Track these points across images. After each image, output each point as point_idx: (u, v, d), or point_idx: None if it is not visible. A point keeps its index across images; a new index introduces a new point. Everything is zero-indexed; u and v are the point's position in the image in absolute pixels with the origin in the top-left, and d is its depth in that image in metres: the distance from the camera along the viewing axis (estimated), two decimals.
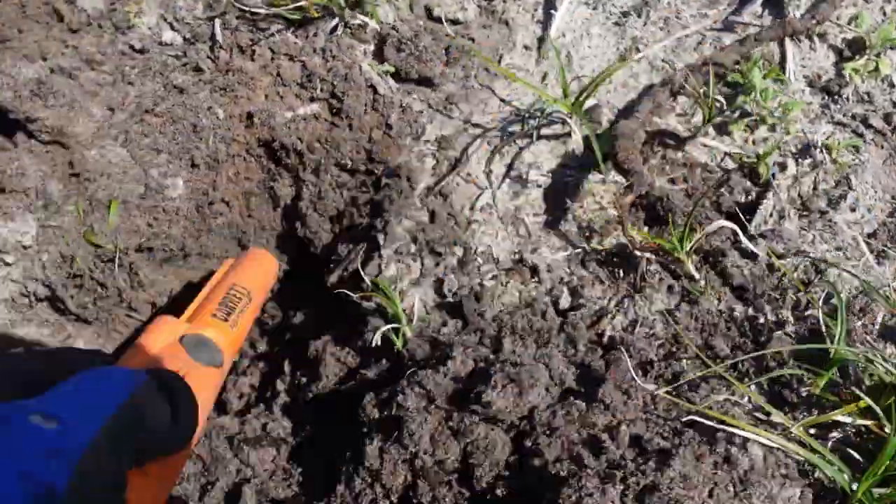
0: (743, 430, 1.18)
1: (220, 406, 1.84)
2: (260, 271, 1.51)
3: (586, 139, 1.72)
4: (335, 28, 1.92)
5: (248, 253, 1.60)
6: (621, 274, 1.57)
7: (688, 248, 1.50)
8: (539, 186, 1.77)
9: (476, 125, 1.87)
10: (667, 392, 1.30)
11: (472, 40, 2.01)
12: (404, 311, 1.55)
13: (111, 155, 1.74)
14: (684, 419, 1.23)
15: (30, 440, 0.54)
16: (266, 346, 2.07)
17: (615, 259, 1.62)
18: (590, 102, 1.79)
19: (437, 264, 1.66)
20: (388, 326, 1.52)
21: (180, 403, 0.76)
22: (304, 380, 1.69)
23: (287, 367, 1.77)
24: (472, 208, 1.75)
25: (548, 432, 1.23)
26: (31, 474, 0.51)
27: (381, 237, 1.68)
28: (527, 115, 1.85)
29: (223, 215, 1.94)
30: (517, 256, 1.64)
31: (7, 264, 1.71)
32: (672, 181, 1.75)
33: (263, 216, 1.99)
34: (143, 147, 1.78)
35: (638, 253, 1.55)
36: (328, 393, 1.60)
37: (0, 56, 1.68)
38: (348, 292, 1.61)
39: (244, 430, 1.61)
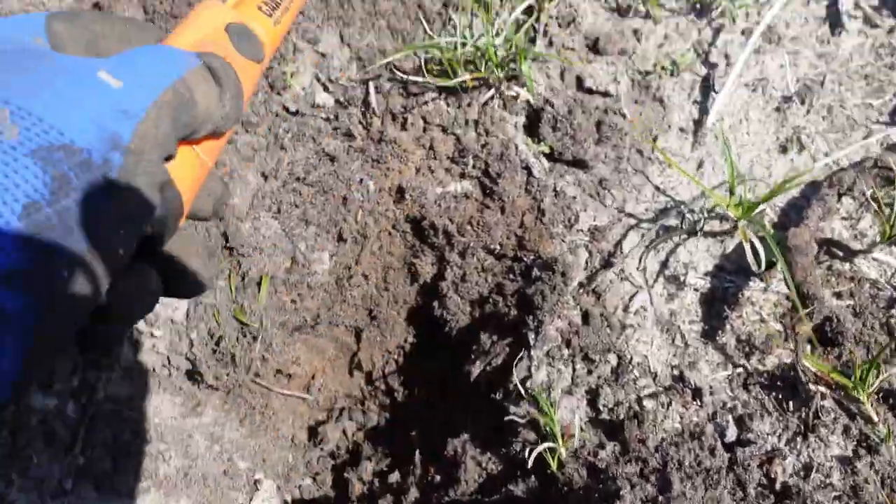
0: None
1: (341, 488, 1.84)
2: None
3: (754, 249, 1.64)
4: (489, 100, 1.88)
5: None
6: (790, 405, 1.50)
7: (870, 390, 1.42)
8: (696, 290, 1.70)
9: (630, 215, 1.80)
10: None
11: (623, 116, 1.94)
12: (559, 425, 1.50)
13: (264, 228, 1.73)
14: None
15: (102, 92, 0.59)
16: (388, 417, 2.06)
17: (779, 383, 1.55)
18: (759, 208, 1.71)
19: (590, 372, 1.61)
20: (544, 446, 1.48)
21: (227, 89, 0.79)
22: (437, 478, 1.66)
23: (418, 460, 1.74)
24: (625, 310, 1.69)
25: None
26: (103, 122, 0.57)
27: (531, 336, 1.64)
28: (686, 209, 1.78)
29: (360, 287, 1.92)
30: (676, 372, 1.58)
31: (154, 336, 1.72)
32: (838, 295, 1.66)
33: (399, 290, 1.96)
34: (294, 218, 1.77)
35: (811, 387, 1.47)
36: (467, 501, 1.57)
37: None
38: (501, 399, 1.57)
39: None
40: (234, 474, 1.81)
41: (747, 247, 1.63)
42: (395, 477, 1.77)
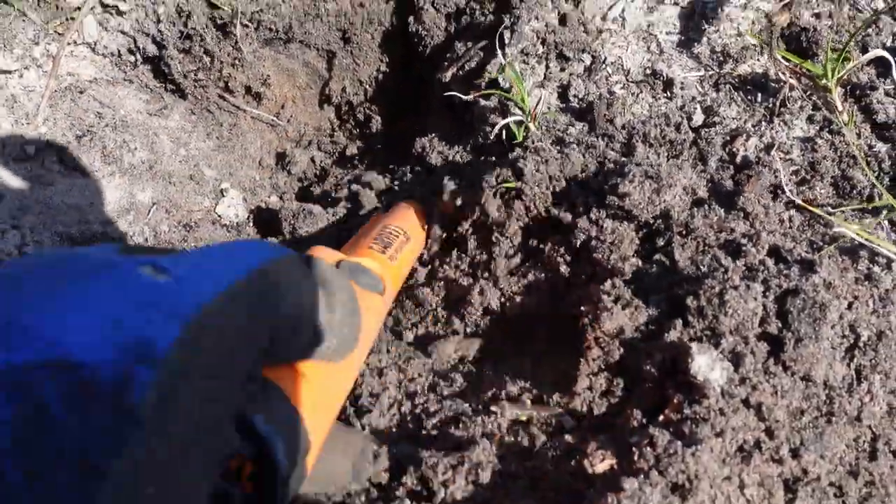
0: (884, 248, 1.16)
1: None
2: (411, 215, 1.44)
3: None
4: None
5: (396, 204, 1.52)
6: (757, 99, 1.51)
7: (837, 77, 1.43)
8: (675, 4, 1.68)
9: None
10: (801, 215, 1.27)
11: None
12: (528, 103, 1.50)
13: None
14: (824, 233, 1.21)
15: (132, 288, 0.42)
16: (361, 144, 2.05)
17: (749, 86, 1.55)
18: None
19: (563, 69, 1.60)
20: (512, 119, 1.48)
21: (338, 294, 0.65)
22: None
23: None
24: (603, 18, 1.66)
25: (683, 232, 1.20)
26: (124, 324, 0.39)
27: (507, 34, 1.61)
28: None
29: (335, 1, 1.86)
30: (650, 70, 1.58)
31: (120, 13, 1.66)
32: (817, 16, 1.65)
33: (374, 8, 1.91)
34: None
35: (782, 76, 1.48)
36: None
37: None
38: (461, 94, 1.56)
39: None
40: (201, 180, 1.80)
41: None
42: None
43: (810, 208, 1.25)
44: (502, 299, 1.34)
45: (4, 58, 1.56)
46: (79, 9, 1.61)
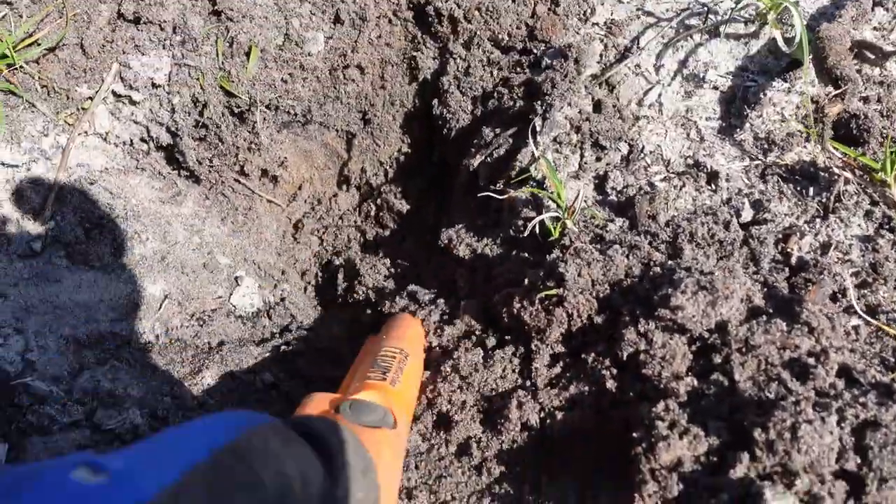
0: None
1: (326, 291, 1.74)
2: (407, 330, 1.34)
3: (786, 39, 1.54)
4: None
5: (390, 319, 1.43)
6: (809, 192, 1.42)
7: (895, 172, 1.34)
8: (715, 89, 1.60)
9: (649, 13, 1.69)
10: (867, 324, 1.17)
11: None
12: (565, 198, 1.41)
13: None
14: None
15: (56, 498, 0.39)
16: (380, 231, 1.97)
17: (798, 177, 1.46)
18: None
19: (600, 160, 1.52)
20: (547, 215, 1.39)
21: (340, 457, 0.59)
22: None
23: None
24: (639, 104, 1.59)
25: (742, 349, 1.10)
26: None
27: (538, 122, 1.53)
28: (708, 8, 1.66)
29: (355, 83, 1.80)
30: (691, 160, 1.49)
31: (133, 103, 1.59)
32: (865, 100, 1.57)
33: (396, 89, 1.84)
34: None
35: (835, 170, 1.39)
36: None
37: None
38: (490, 184, 1.48)
39: None
40: (215, 268, 1.72)
41: (777, 34, 1.52)
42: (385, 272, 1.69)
43: (880, 325, 1.15)
44: (542, 414, 1.23)
45: (11, 152, 1.48)
46: (90, 99, 1.54)
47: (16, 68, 1.48)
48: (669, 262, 1.26)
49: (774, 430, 0.98)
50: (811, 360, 1.07)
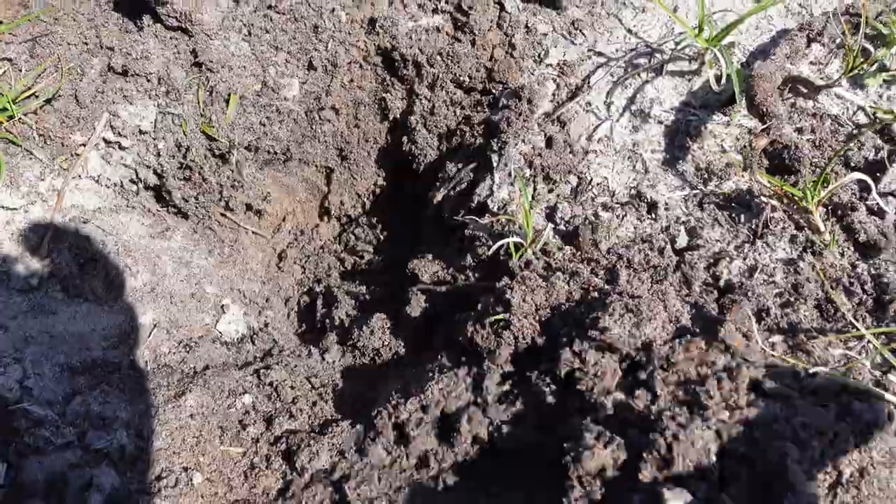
0: (862, 387, 1.16)
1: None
2: None
3: (719, 77, 1.66)
4: None
5: None
6: (741, 219, 1.53)
7: (817, 200, 1.45)
8: (660, 123, 1.72)
9: (600, 54, 1.81)
10: (784, 341, 1.28)
11: None
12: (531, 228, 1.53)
13: (233, 47, 1.74)
14: (809, 369, 1.21)
15: None
16: (358, 259, 2.09)
17: (734, 204, 1.58)
18: (726, 39, 1.72)
19: (551, 191, 1.64)
20: (510, 240, 1.51)
21: None
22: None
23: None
24: (589, 138, 1.71)
25: (664, 366, 1.21)
26: None
27: (495, 158, 1.66)
28: (654, 48, 1.79)
29: (330, 122, 1.93)
30: (634, 191, 1.61)
31: (122, 148, 1.73)
32: (799, 130, 1.68)
33: (369, 128, 1.97)
34: (265, 43, 1.78)
35: (763, 199, 1.50)
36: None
37: None
38: (466, 217, 1.61)
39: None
40: (202, 297, 1.84)
41: (710, 73, 1.65)
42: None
43: (798, 341, 1.26)
44: (491, 428, 1.35)
45: (11, 196, 1.62)
46: (83, 145, 1.68)
47: (15, 119, 1.63)
48: (606, 286, 1.38)
49: (663, 438, 1.10)
50: (724, 375, 1.18)
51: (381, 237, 2.08)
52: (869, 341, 1.27)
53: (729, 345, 1.23)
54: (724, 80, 1.62)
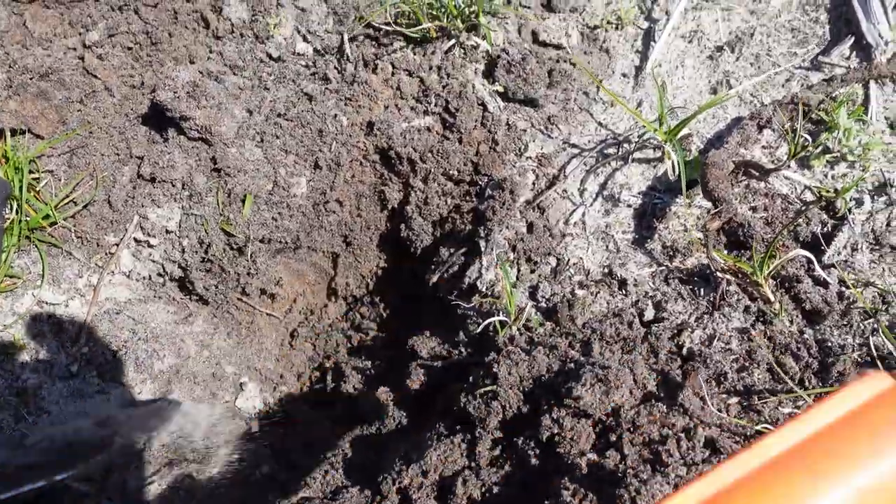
0: None
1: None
2: None
3: (676, 165, 1.87)
4: (451, 48, 2.12)
5: None
6: (701, 292, 1.72)
7: (766, 273, 1.64)
8: (629, 206, 1.93)
9: (574, 145, 2.03)
10: (739, 402, 1.45)
11: (573, 65, 2.17)
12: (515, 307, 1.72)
13: (248, 153, 1.97)
14: (755, 427, 1.38)
15: None
16: (364, 336, 2.28)
17: (696, 278, 1.77)
18: (683, 132, 1.93)
19: (533, 271, 1.84)
20: (496, 319, 1.70)
21: None
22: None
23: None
24: (566, 222, 1.91)
25: (631, 429, 1.39)
26: None
27: (482, 244, 1.86)
28: (622, 139, 2.01)
29: (335, 213, 2.15)
30: (607, 270, 1.80)
31: (151, 246, 1.95)
32: (753, 209, 1.88)
33: (371, 217, 2.19)
34: (275, 147, 2.00)
35: (719, 274, 1.69)
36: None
37: (158, 59, 1.92)
38: (457, 300, 1.80)
39: None
40: (222, 376, 2.03)
41: (668, 163, 1.86)
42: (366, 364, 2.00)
43: (737, 404, 1.43)
44: (483, 489, 1.51)
45: (53, 293, 1.83)
46: (116, 245, 1.90)
47: (57, 225, 1.84)
48: (581, 357, 1.56)
49: (628, 493, 1.27)
50: (682, 435, 1.35)
51: (384, 314, 2.27)
52: (813, 400, 1.44)
53: (687, 408, 1.41)
54: (679, 170, 1.82)
